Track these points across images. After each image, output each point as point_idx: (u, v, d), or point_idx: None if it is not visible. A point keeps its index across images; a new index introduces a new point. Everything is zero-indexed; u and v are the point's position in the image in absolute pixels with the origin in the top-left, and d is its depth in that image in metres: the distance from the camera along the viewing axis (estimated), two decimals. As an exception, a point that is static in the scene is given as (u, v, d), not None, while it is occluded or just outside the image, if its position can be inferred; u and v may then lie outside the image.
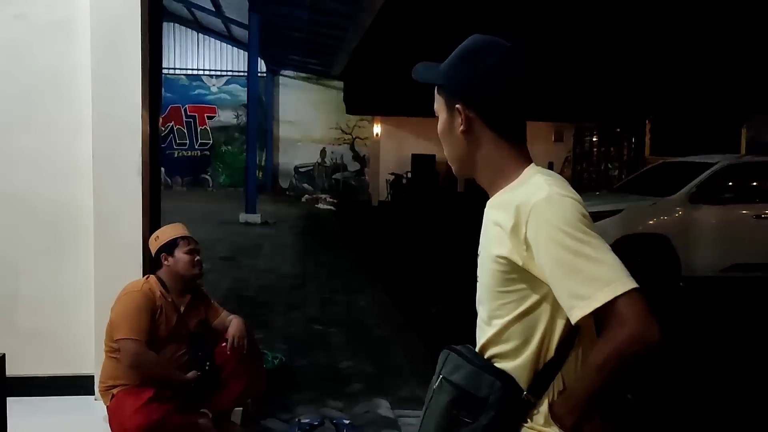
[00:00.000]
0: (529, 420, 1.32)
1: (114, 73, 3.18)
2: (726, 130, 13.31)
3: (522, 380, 1.32)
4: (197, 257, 3.01)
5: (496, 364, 1.35)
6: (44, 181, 3.28)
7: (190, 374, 2.89)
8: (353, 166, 21.68)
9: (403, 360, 5.08)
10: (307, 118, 21.24)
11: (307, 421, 3.55)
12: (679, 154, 9.50)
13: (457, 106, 1.36)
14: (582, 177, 16.85)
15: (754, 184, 7.62)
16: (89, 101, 3.19)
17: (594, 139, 16.55)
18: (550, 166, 20.50)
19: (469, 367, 1.36)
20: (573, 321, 1.24)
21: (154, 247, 3.01)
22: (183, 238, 3.00)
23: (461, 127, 1.37)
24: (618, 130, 15.57)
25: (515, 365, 1.33)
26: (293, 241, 11.33)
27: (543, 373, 1.32)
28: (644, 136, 14.93)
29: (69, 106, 3.25)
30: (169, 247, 2.96)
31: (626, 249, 6.85)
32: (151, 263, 3.16)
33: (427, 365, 4.97)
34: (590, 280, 1.20)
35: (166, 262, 2.96)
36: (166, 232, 3.03)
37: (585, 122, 16.91)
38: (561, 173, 14.40)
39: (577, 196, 1.29)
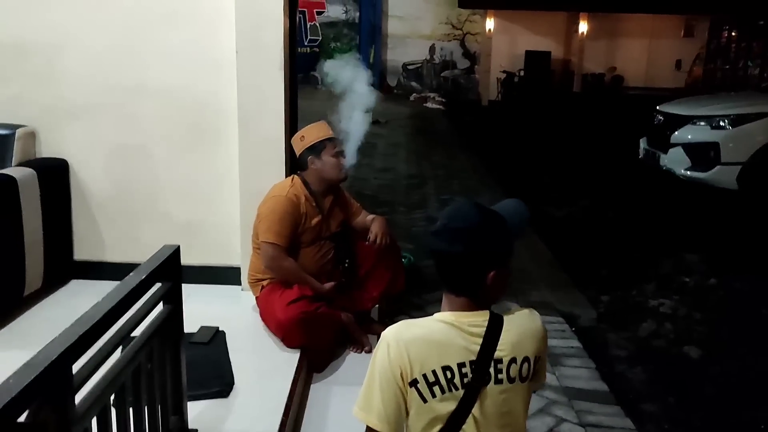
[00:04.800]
0: None
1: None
2: None
3: None
4: (343, 161, 2.97)
5: None
6: (190, 75, 3.29)
7: (328, 285, 2.93)
8: (463, 64, 20.95)
9: (528, 263, 5.00)
10: (416, 12, 20.48)
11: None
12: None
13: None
14: (715, 75, 15.50)
15: None
16: (232, -7, 3.13)
17: (732, 34, 15.03)
18: (678, 64, 19.06)
19: None
20: None
21: (299, 147, 2.97)
22: (330, 140, 2.95)
23: None
24: (762, 23, 14.01)
25: None
26: (406, 140, 11.25)
27: None
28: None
29: (211, 1, 3.21)
30: (316, 149, 2.92)
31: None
32: (292, 159, 3.17)
33: (553, 269, 4.87)
34: None
35: (312, 165, 2.93)
36: (312, 133, 2.97)
37: (722, 14, 15.33)
38: (690, 72, 13.34)
39: (395, 340, 1.49)
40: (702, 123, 6.76)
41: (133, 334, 1.70)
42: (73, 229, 3.50)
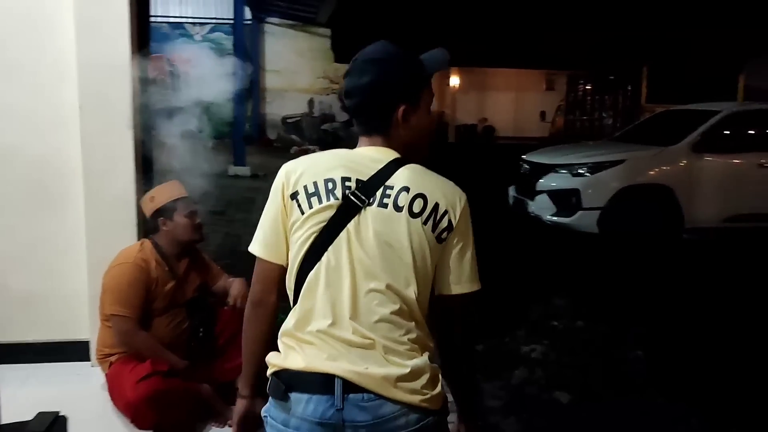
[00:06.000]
0: None
1: (99, 16, 2.91)
2: (723, 78, 13.10)
3: None
4: (198, 221, 2.81)
5: None
6: (27, 133, 3.02)
7: (180, 362, 2.72)
8: (342, 117, 21.24)
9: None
10: (293, 67, 20.70)
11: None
12: (675, 102, 9.31)
13: None
14: (575, 126, 16.64)
15: (759, 132, 7.45)
16: (73, 47, 2.93)
17: (588, 88, 16.27)
18: (542, 115, 20.34)
19: None
20: None
21: (149, 209, 2.78)
22: (182, 199, 2.78)
23: None
24: (612, 78, 15.28)
25: None
26: (284, 194, 11.09)
27: None
28: (640, 84, 14.67)
29: (51, 53, 2.99)
30: (168, 210, 2.75)
31: (628, 200, 6.75)
32: (145, 222, 2.96)
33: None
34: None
35: (164, 227, 2.75)
36: (162, 193, 2.79)
37: (578, 70, 16.59)
38: (553, 123, 14.21)
39: (286, 165, 1.51)
40: (563, 171, 7.13)
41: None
42: None
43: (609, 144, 8.24)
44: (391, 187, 1.42)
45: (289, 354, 1.40)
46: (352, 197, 1.40)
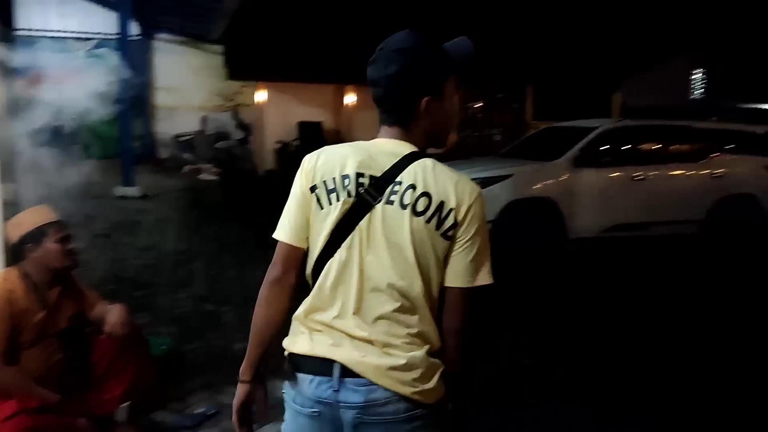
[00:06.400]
0: None
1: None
2: (600, 96, 13.95)
3: None
4: (70, 246, 2.66)
5: None
6: None
7: (52, 397, 2.55)
8: (237, 135, 20.90)
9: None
10: (185, 84, 20.18)
11: (201, 410, 3.31)
12: (557, 119, 9.79)
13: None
14: (467, 142, 17.15)
15: (631, 146, 7.98)
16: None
17: (477, 105, 16.85)
18: (436, 132, 20.85)
19: None
20: None
21: (15, 234, 2.61)
22: (52, 224, 2.63)
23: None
24: (500, 96, 15.92)
25: None
26: (176, 215, 10.74)
27: None
28: (525, 102, 15.36)
29: None
30: (36, 236, 2.58)
31: (515, 213, 7.01)
32: (13, 252, 2.76)
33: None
34: None
35: (32, 254, 2.58)
36: (29, 218, 2.62)
37: (469, 88, 17.16)
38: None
39: (309, 156, 1.61)
40: (456, 186, 7.31)
41: None
42: None
43: (497, 159, 8.53)
44: (400, 184, 1.48)
45: (298, 338, 1.55)
46: (365, 195, 1.47)
